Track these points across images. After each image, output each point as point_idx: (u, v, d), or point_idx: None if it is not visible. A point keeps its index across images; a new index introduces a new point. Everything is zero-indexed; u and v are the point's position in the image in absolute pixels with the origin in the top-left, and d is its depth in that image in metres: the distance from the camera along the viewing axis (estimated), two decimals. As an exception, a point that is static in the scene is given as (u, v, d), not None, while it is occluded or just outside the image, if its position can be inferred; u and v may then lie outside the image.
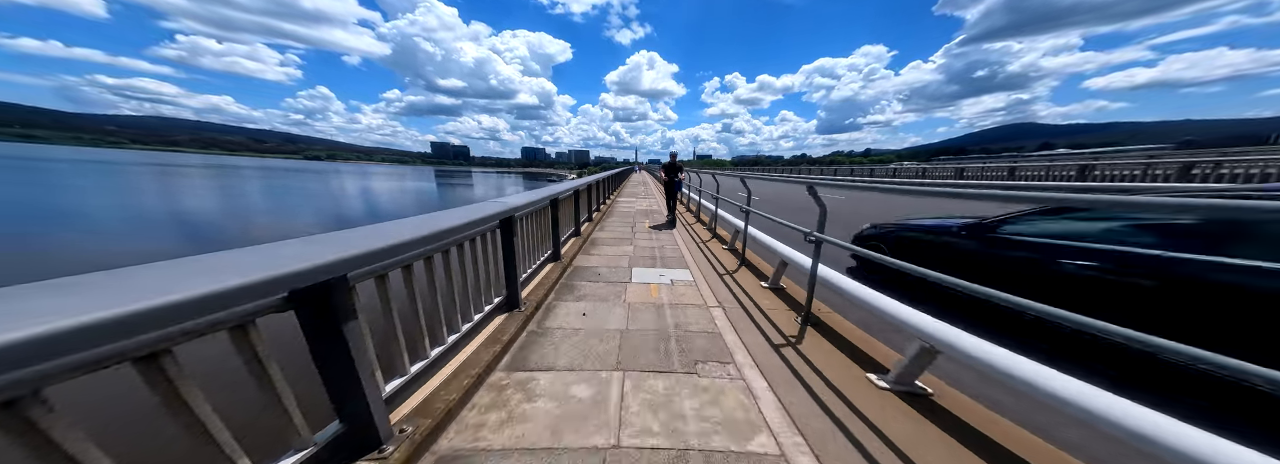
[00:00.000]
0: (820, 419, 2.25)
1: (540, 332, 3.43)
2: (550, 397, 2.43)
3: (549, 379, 2.64)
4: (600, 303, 4.18)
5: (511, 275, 3.56)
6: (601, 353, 3.05)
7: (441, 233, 2.10)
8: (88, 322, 0.75)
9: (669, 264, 5.88)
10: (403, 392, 2.06)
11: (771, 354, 3.07)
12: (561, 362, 2.90)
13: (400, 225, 1.97)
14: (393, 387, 1.97)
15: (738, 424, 2.20)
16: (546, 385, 2.56)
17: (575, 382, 2.61)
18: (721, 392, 2.52)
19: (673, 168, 10.50)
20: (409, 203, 39.22)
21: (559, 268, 5.10)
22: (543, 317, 3.78)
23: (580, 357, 2.97)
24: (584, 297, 4.33)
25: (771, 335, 3.41)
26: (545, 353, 3.03)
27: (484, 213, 2.76)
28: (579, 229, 7.46)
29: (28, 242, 14.41)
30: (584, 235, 7.48)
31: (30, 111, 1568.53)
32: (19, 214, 20.66)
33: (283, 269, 1.14)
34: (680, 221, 9.95)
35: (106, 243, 14.92)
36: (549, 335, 3.36)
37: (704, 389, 2.54)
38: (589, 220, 8.97)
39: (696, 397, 2.45)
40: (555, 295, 4.42)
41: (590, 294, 4.44)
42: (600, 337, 3.35)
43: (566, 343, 3.20)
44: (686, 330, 3.50)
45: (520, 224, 4.04)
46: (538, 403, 2.36)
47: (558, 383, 2.60)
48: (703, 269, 5.66)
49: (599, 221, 9.62)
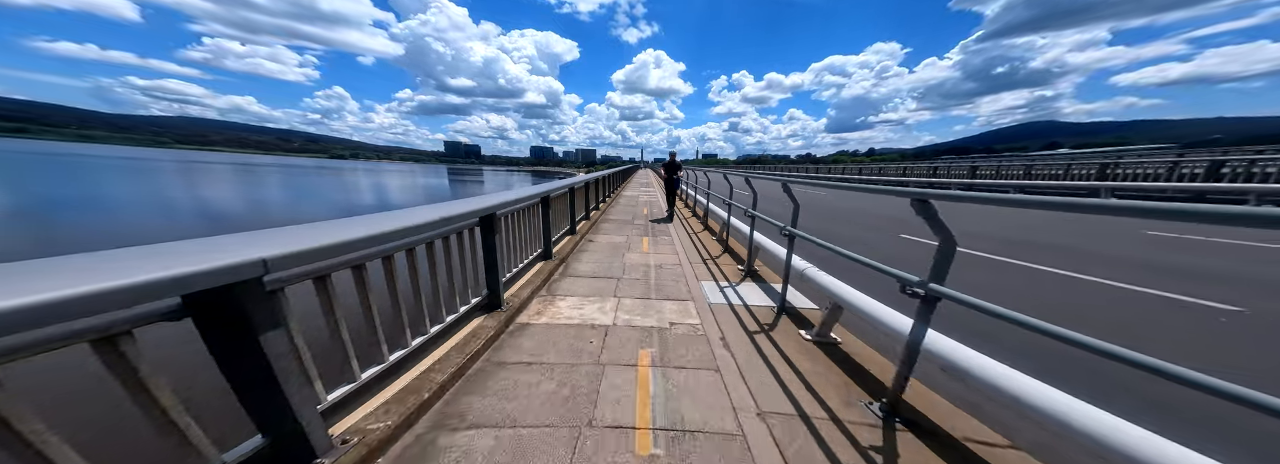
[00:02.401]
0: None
1: (520, 334, 3.30)
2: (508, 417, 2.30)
3: (527, 381, 2.51)
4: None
5: (493, 275, 3.44)
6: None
7: (399, 231, 1.96)
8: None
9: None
10: (350, 400, 1.93)
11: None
12: (546, 357, 2.84)
13: (348, 223, 1.84)
14: (337, 395, 1.84)
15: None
16: (524, 391, 2.43)
17: (545, 379, 2.48)
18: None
19: (672, 166, 10.94)
20: (438, 196, 41.34)
21: (550, 266, 4.97)
22: (525, 319, 3.65)
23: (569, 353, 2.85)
24: (576, 291, 4.21)
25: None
26: (522, 357, 2.90)
27: (458, 210, 2.62)
28: (575, 227, 7.33)
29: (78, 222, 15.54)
30: (580, 233, 7.34)
31: (84, 114, 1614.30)
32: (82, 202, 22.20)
33: (170, 271, 1.01)
34: (677, 216, 10.22)
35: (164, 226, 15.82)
36: (529, 337, 3.23)
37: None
38: (596, 208, 8.83)
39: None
40: (547, 291, 4.30)
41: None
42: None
43: (546, 343, 3.08)
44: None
45: (504, 222, 3.92)
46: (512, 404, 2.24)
47: (535, 378, 2.48)
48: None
49: (605, 210, 9.68)
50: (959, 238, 1.87)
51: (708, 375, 2.69)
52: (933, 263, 1.85)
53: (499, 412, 2.22)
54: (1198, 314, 4.02)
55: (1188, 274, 5.43)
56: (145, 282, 0.97)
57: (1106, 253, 6.90)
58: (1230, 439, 2.29)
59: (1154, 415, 2.43)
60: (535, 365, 2.77)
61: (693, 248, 6.89)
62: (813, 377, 2.68)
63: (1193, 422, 2.43)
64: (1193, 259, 6.37)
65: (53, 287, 0.84)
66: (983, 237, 8.10)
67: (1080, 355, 1.39)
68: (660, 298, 4.26)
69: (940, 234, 1.83)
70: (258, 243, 1.34)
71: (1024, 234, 8.61)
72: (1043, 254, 6.76)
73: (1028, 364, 1.97)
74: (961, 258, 4.41)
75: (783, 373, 2.73)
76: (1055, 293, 4.86)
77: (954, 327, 2.45)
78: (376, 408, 2.00)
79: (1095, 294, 4.74)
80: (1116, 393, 2.72)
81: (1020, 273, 5.78)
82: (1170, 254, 6.75)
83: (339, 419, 1.86)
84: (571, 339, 3.22)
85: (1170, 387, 1.09)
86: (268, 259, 1.27)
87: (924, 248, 7.55)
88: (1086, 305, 4.42)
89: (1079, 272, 5.62)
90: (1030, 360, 2.94)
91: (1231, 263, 6.11)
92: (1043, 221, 10.30)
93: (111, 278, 0.93)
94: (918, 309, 1.97)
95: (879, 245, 7.51)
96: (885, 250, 7.36)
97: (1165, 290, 4.68)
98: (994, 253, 6.82)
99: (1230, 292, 4.59)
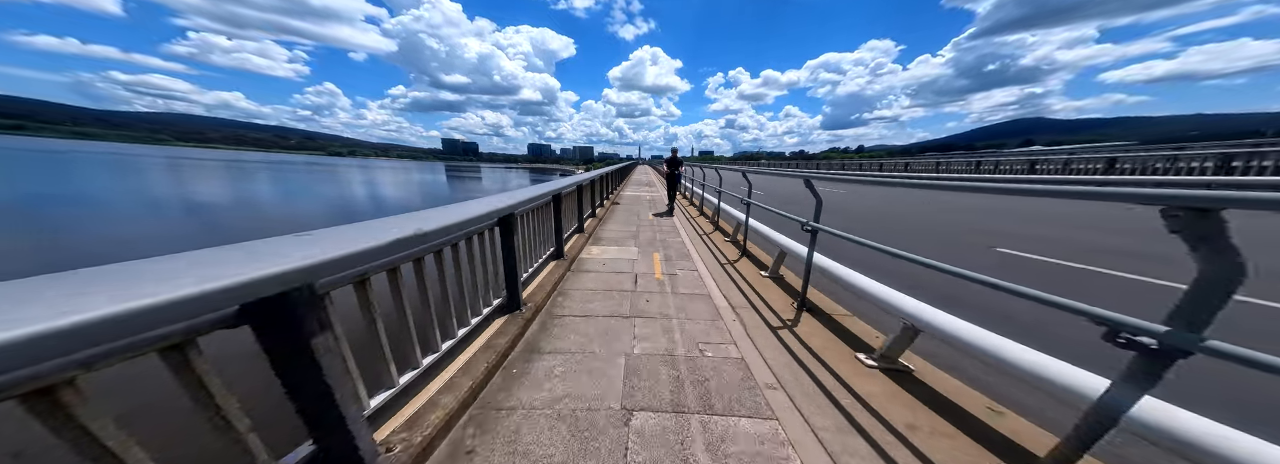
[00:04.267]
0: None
1: (543, 336, 3.27)
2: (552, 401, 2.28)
3: (554, 374, 2.49)
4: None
5: (512, 276, 3.40)
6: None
7: (434, 232, 1.92)
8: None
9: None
10: (390, 406, 1.90)
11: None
12: (568, 346, 2.97)
13: (384, 224, 1.80)
14: (379, 401, 1.80)
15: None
16: (546, 396, 2.40)
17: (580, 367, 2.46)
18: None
19: (674, 162, 11.38)
20: (438, 193, 42.20)
21: (563, 266, 4.93)
22: (545, 320, 3.62)
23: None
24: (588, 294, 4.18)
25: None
26: (546, 360, 2.87)
27: (480, 210, 2.58)
28: (583, 226, 7.29)
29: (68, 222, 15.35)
30: (587, 232, 7.30)
31: (76, 111, 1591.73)
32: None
33: (229, 280, 0.97)
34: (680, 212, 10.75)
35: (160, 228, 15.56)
36: (551, 337, 3.21)
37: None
38: (601, 206, 8.89)
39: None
40: (559, 295, 4.27)
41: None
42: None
43: (570, 340, 3.06)
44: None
45: (520, 222, 3.87)
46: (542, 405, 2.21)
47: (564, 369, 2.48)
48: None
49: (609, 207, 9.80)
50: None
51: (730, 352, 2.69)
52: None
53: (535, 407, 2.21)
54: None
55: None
56: (214, 289, 0.93)
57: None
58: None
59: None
60: (561, 354, 2.85)
61: (705, 246, 6.87)
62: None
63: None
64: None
65: (132, 296, 0.81)
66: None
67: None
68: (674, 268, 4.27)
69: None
70: (305, 246, 1.30)
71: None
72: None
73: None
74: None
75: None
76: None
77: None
78: (414, 413, 1.96)
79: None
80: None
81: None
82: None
83: (381, 424, 1.83)
84: (599, 331, 3.31)
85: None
86: (319, 264, 1.23)
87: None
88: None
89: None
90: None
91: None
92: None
93: (180, 287, 0.90)
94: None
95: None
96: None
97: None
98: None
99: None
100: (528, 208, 3.99)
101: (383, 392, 1.86)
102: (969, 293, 4.03)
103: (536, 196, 4.13)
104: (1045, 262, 6.52)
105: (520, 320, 3.27)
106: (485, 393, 2.41)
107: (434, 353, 2.29)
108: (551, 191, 4.87)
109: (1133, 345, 1.35)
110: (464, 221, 2.18)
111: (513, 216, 3.32)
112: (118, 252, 11.44)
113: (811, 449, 1.96)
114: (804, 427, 2.12)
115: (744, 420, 2.16)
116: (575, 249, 5.95)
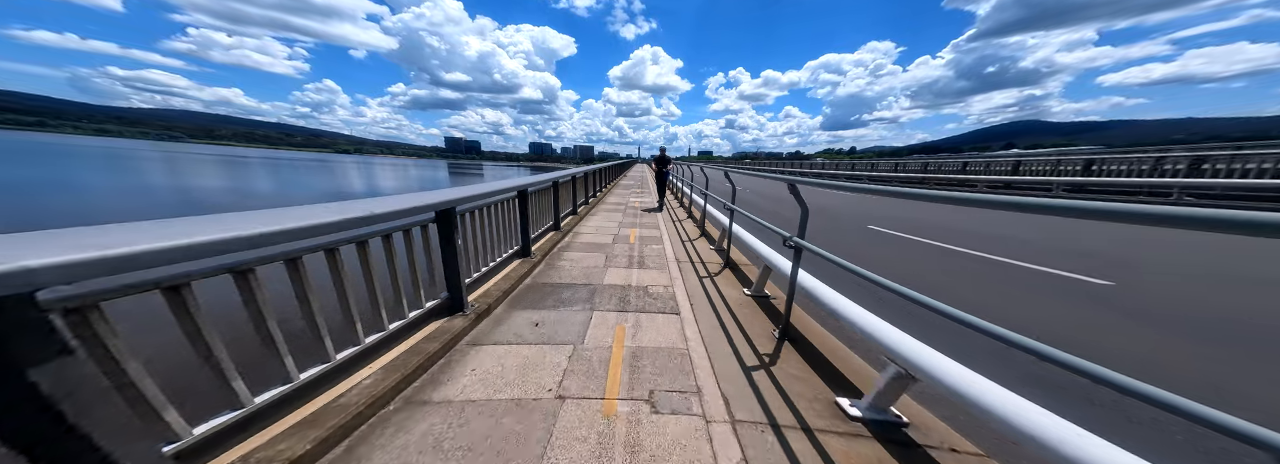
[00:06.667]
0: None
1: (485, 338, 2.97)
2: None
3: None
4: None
5: (454, 276, 3.10)
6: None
7: (300, 230, 1.59)
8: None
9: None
10: (247, 425, 1.59)
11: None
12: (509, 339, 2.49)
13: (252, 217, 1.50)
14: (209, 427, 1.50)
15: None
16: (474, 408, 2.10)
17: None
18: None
19: (663, 160, 12.22)
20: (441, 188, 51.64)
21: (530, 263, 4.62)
22: (491, 322, 3.31)
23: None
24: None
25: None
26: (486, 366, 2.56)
27: (404, 204, 2.26)
28: (559, 224, 6.97)
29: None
30: (563, 229, 6.98)
31: (83, 107, 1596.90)
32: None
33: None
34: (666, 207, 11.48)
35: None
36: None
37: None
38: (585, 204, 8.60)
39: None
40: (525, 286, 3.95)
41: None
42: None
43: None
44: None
45: (470, 218, 3.57)
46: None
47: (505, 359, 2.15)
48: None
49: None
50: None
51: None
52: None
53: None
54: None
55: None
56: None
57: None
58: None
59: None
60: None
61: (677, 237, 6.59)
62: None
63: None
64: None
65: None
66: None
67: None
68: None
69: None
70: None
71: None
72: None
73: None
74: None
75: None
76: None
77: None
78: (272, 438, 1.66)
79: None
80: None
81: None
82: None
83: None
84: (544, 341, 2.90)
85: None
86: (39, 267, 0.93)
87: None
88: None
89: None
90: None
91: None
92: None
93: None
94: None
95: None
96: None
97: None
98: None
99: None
100: (478, 204, 3.68)
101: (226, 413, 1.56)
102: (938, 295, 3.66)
103: (498, 191, 3.85)
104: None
105: (462, 321, 2.97)
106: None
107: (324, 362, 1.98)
108: (517, 187, 4.58)
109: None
110: (351, 219, 1.86)
111: (453, 212, 3.01)
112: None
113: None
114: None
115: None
116: (543, 250, 5.65)
